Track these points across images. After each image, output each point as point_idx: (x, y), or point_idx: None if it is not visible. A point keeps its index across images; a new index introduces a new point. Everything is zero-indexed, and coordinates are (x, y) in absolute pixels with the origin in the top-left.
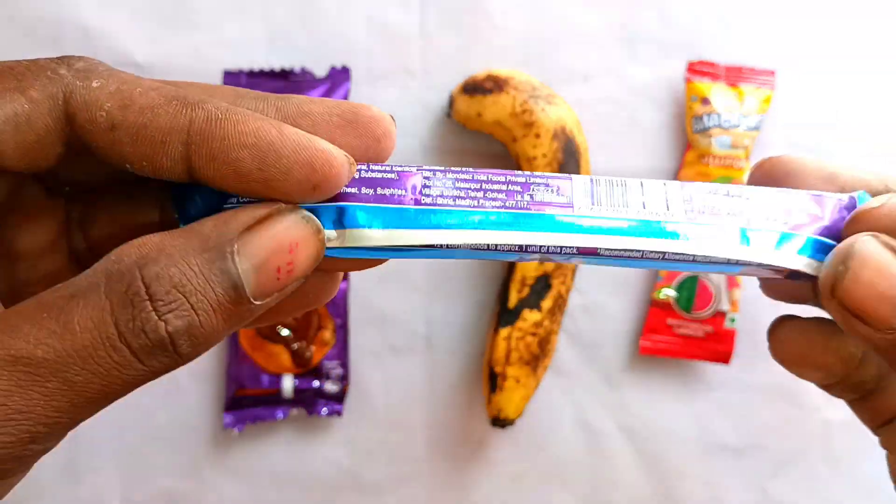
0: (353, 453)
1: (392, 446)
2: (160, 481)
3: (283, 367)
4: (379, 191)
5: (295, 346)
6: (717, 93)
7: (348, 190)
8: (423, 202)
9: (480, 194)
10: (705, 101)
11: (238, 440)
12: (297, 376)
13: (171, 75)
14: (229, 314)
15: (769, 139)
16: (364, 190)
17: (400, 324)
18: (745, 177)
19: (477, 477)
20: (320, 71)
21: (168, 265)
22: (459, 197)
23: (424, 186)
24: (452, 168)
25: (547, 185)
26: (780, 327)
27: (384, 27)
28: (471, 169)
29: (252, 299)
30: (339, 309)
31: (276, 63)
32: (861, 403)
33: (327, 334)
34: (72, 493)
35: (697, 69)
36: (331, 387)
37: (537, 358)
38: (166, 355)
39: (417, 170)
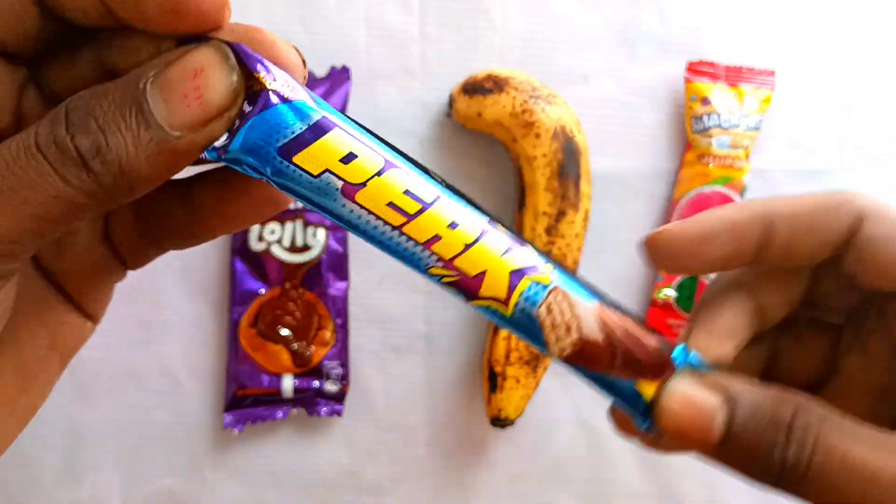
0: (353, 453)
1: (392, 446)
2: (160, 481)
3: (283, 366)
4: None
5: (295, 345)
6: (717, 93)
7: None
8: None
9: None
10: (705, 101)
11: (238, 440)
12: (297, 376)
13: None
14: (145, 141)
15: (769, 139)
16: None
17: (400, 324)
18: (745, 177)
19: (477, 477)
20: (320, 71)
21: (90, 98)
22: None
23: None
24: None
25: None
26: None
27: (384, 27)
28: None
29: (168, 127)
30: (339, 309)
31: None
32: None
33: (327, 334)
34: (72, 493)
35: (697, 69)
36: (331, 387)
37: (537, 358)
38: (80, 170)
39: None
